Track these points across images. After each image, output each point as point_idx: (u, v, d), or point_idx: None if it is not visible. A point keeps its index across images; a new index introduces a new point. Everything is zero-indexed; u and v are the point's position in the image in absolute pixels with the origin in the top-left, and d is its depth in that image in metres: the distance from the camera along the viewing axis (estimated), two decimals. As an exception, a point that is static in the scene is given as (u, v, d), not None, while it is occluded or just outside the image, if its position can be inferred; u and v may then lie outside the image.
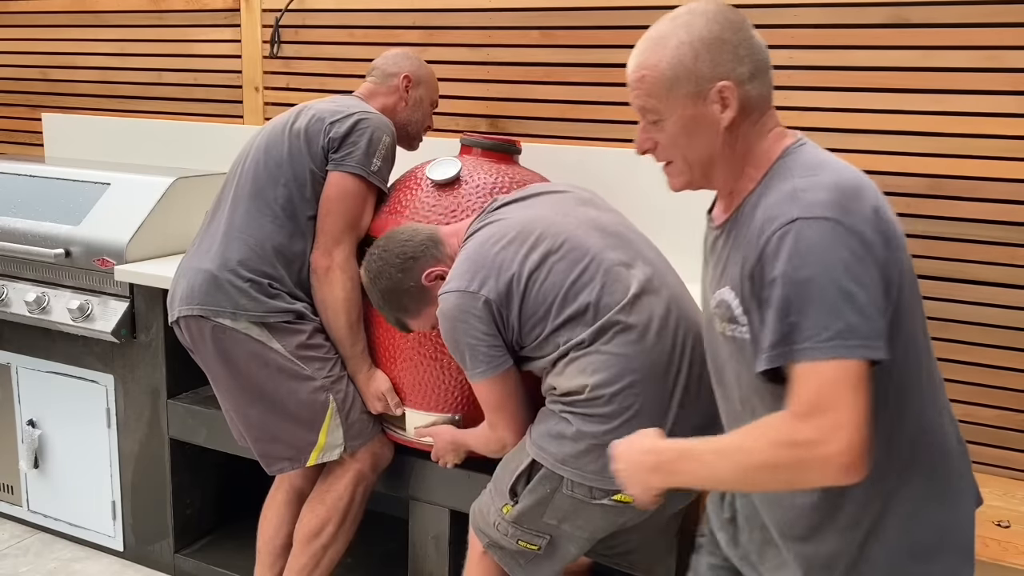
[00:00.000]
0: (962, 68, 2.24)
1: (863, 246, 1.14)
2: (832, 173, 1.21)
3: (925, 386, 1.27)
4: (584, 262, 1.78)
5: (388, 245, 1.96)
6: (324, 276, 2.16)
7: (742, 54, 1.25)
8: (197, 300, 2.15)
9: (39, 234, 2.81)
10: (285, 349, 2.14)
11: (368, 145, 2.15)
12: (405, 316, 1.99)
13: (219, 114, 3.30)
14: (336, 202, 2.15)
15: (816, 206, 1.15)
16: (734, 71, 1.25)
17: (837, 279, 1.12)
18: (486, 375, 1.82)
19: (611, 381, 1.71)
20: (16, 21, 3.68)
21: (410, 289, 1.94)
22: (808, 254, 1.13)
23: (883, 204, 1.21)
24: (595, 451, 1.71)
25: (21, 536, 3.02)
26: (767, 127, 1.30)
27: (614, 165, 2.61)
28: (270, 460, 2.23)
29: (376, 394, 2.20)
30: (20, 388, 2.98)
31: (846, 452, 1.09)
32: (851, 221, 1.14)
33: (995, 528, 2.04)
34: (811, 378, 1.12)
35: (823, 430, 1.10)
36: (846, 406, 1.10)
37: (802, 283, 1.13)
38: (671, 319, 1.78)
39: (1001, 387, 2.32)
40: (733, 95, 1.25)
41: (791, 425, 1.13)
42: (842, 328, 1.10)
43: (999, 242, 2.26)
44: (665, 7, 2.53)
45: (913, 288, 1.23)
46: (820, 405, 1.10)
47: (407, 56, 2.41)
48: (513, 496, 1.83)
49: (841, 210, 1.15)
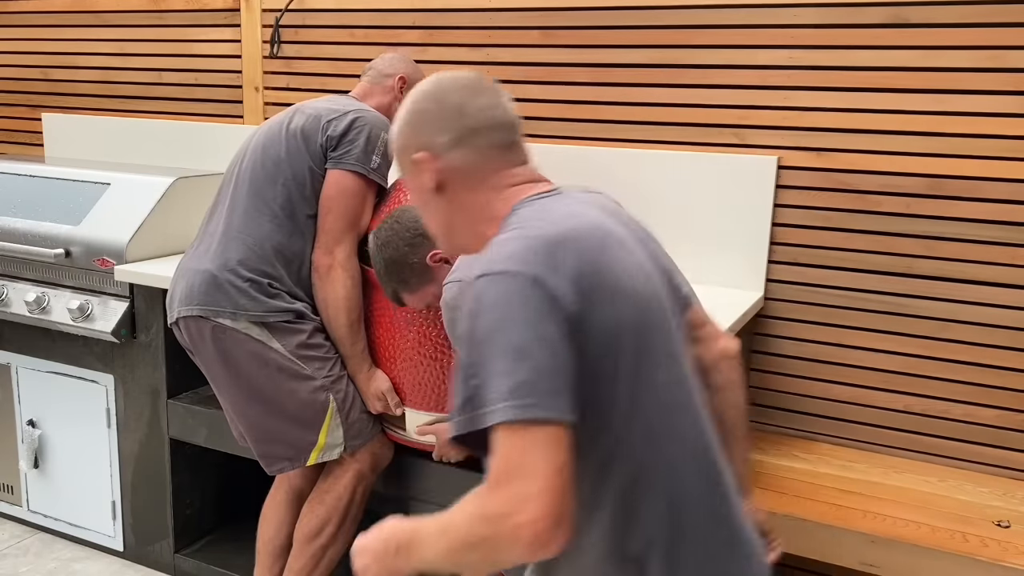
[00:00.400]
0: (962, 68, 2.24)
1: (547, 300, 1.07)
2: (537, 226, 1.15)
3: (664, 445, 1.16)
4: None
5: (402, 218, 1.98)
6: (326, 274, 2.16)
7: (442, 124, 1.25)
8: (197, 300, 2.15)
9: (39, 234, 2.81)
10: (285, 349, 2.14)
11: (367, 143, 2.15)
12: (403, 289, 2.00)
13: (219, 114, 3.30)
14: (336, 200, 2.15)
15: (498, 261, 1.10)
16: (432, 142, 1.25)
17: (510, 336, 1.05)
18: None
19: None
20: (16, 21, 3.68)
21: (414, 265, 1.96)
22: (484, 312, 1.08)
23: (596, 258, 1.14)
24: None
25: (21, 536, 3.02)
26: (503, 185, 1.26)
27: (614, 165, 2.61)
28: (270, 460, 2.23)
29: (376, 394, 2.20)
30: (20, 388, 2.98)
31: (535, 522, 1.00)
32: (534, 273, 1.08)
33: (995, 528, 2.04)
34: (499, 444, 1.04)
35: (511, 501, 1.01)
36: (533, 473, 1.01)
37: (479, 342, 1.07)
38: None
39: (1001, 387, 2.32)
40: (430, 165, 1.25)
41: (483, 497, 1.05)
42: (514, 387, 1.03)
43: (999, 242, 2.26)
44: (664, 7, 2.55)
45: (645, 340, 1.15)
46: (508, 473, 1.02)
47: (403, 59, 2.42)
48: None
49: (523, 263, 1.09)
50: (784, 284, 2.50)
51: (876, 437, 2.46)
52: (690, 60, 2.52)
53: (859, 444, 2.49)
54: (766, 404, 2.57)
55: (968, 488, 2.25)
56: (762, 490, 2.20)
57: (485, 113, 1.27)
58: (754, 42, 2.43)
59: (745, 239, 2.49)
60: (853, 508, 2.12)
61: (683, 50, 2.53)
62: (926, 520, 2.06)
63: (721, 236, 2.51)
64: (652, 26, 2.56)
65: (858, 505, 2.13)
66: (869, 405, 2.46)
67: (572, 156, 2.66)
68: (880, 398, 2.44)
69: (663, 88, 2.57)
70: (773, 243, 2.49)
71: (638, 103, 2.61)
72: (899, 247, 2.36)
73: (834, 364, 2.48)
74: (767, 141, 2.46)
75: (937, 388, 2.38)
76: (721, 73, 2.49)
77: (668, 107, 2.57)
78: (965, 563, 1.92)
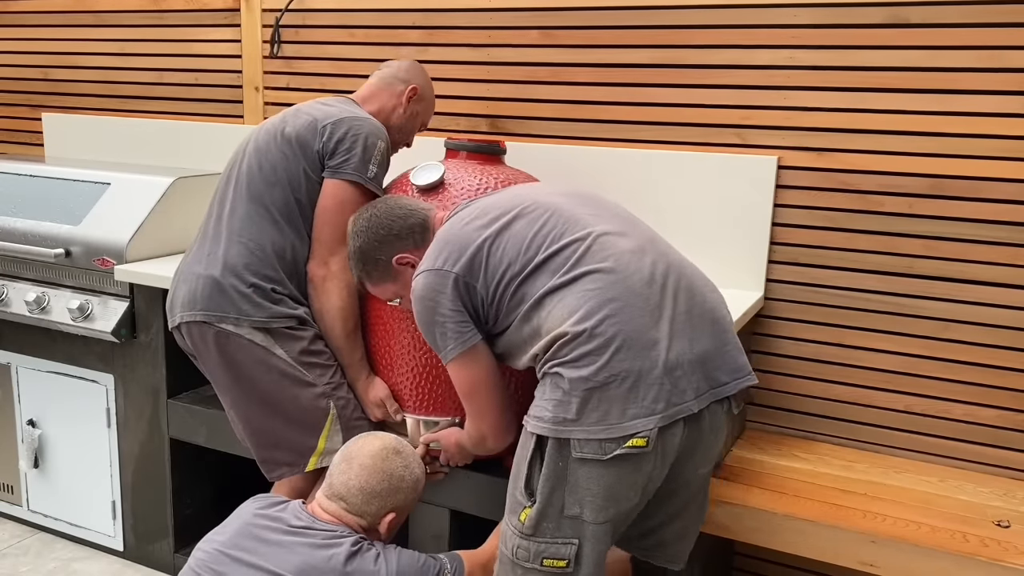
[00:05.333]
0: (962, 68, 2.24)
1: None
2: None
3: None
4: (545, 216, 1.81)
5: (382, 212, 2.00)
6: (321, 286, 2.16)
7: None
8: (200, 306, 2.15)
9: (39, 234, 2.81)
10: (288, 355, 2.14)
11: (364, 152, 2.14)
12: (366, 279, 2.04)
13: (219, 114, 3.30)
14: (333, 212, 2.15)
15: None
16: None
17: None
18: (455, 352, 1.83)
19: (591, 314, 1.68)
20: (16, 21, 3.68)
21: (379, 260, 1.99)
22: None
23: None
24: (593, 399, 1.67)
25: (21, 536, 3.02)
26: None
27: (614, 165, 2.61)
28: (271, 466, 2.23)
29: (375, 401, 2.20)
30: (20, 388, 2.98)
31: None
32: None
33: (995, 528, 2.04)
34: None
35: None
36: None
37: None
38: (646, 257, 1.76)
39: (1002, 387, 2.32)
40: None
41: None
42: None
43: (1000, 242, 2.26)
44: (664, 7, 2.55)
45: None
46: None
47: (422, 71, 2.41)
48: (530, 496, 1.76)
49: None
50: (784, 284, 2.50)
51: (876, 437, 2.46)
52: (691, 60, 2.52)
53: (859, 444, 2.48)
54: (766, 404, 2.57)
55: (968, 488, 2.25)
56: (762, 490, 2.20)
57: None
58: (754, 42, 2.43)
59: (745, 239, 2.49)
60: (853, 508, 2.11)
61: (683, 50, 2.53)
62: (926, 520, 2.06)
63: (721, 236, 2.51)
64: (652, 26, 2.56)
65: (858, 505, 2.13)
66: (869, 405, 2.46)
67: (572, 156, 2.66)
68: (880, 398, 2.44)
69: (663, 88, 2.57)
70: (773, 243, 2.49)
71: (638, 103, 2.61)
72: (900, 247, 2.36)
73: (834, 364, 2.48)
74: (767, 141, 2.46)
75: (938, 388, 2.38)
76: (722, 73, 2.49)
77: (668, 107, 2.57)
78: (965, 563, 1.92)
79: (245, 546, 1.78)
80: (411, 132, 2.41)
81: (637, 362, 1.66)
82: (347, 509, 1.85)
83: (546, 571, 1.76)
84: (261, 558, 1.75)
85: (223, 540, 1.81)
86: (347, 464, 1.88)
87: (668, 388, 1.67)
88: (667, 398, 1.67)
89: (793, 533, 2.07)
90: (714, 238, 2.52)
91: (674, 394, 1.67)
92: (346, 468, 1.87)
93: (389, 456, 1.89)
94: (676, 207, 2.55)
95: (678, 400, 1.68)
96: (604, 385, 1.66)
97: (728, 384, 1.75)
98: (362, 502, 1.85)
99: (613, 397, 1.66)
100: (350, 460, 1.88)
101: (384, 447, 1.90)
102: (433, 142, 2.63)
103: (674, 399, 1.68)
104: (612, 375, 1.65)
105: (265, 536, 1.79)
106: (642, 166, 2.59)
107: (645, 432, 1.65)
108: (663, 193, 2.56)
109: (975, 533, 2.01)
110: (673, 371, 1.68)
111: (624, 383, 1.65)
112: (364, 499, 1.85)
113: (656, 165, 2.58)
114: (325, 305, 2.16)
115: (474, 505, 2.21)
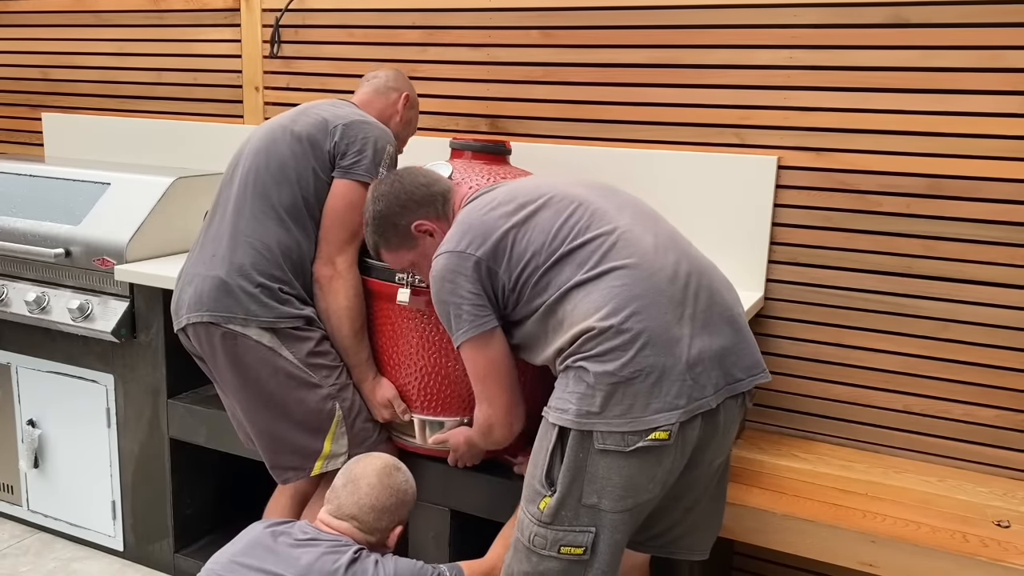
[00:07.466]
0: (962, 68, 2.24)
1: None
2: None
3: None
4: (571, 208, 1.83)
5: (406, 179, 2.01)
6: (327, 285, 2.16)
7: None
8: (207, 307, 2.14)
9: (39, 234, 2.81)
10: (295, 357, 2.14)
11: (375, 154, 2.15)
12: (383, 245, 2.03)
13: (219, 114, 3.30)
14: (342, 212, 2.15)
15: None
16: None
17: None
18: (469, 334, 1.84)
19: (617, 310, 1.70)
20: (16, 21, 3.68)
21: (399, 226, 1.98)
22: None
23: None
24: (617, 393, 1.69)
25: (21, 536, 3.02)
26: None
27: (614, 165, 2.61)
28: (279, 471, 2.23)
29: (382, 401, 2.20)
30: (20, 388, 2.98)
31: None
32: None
33: (995, 528, 2.04)
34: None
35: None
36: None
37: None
38: (669, 255, 1.80)
39: (1001, 387, 2.32)
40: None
41: None
42: None
43: (999, 242, 2.27)
44: (664, 7, 2.55)
45: None
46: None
47: (406, 78, 2.44)
48: (551, 486, 1.77)
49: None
50: (784, 284, 2.50)
51: (876, 437, 2.47)
52: (690, 60, 2.52)
53: (859, 444, 2.49)
54: (766, 404, 2.57)
55: (968, 488, 2.25)
56: (762, 490, 2.20)
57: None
58: (754, 42, 2.44)
59: (745, 239, 2.49)
60: (853, 508, 2.12)
61: (683, 50, 2.53)
62: (926, 520, 2.06)
63: (721, 236, 2.51)
64: (652, 26, 2.56)
65: (858, 505, 2.13)
66: (869, 405, 2.46)
67: (572, 156, 2.66)
68: (880, 398, 2.44)
69: (663, 88, 2.57)
70: (773, 243, 2.49)
71: (638, 103, 2.61)
72: (899, 247, 2.36)
73: (834, 364, 2.48)
74: (767, 141, 2.46)
75: (937, 388, 2.38)
76: (721, 73, 2.49)
77: (668, 107, 2.57)
78: (965, 563, 1.92)
79: (255, 554, 1.82)
80: (406, 139, 2.44)
81: (661, 358, 1.69)
82: (360, 528, 1.88)
83: (563, 558, 1.77)
84: (270, 564, 1.79)
85: (234, 551, 1.85)
86: (354, 485, 1.90)
87: (690, 384, 1.70)
88: (688, 393, 1.69)
89: (793, 533, 2.07)
90: (714, 238, 2.51)
91: (695, 389, 1.70)
92: (354, 489, 1.90)
93: (392, 472, 1.93)
94: (676, 207, 2.55)
95: (698, 395, 1.71)
96: (629, 380, 1.67)
97: (744, 380, 1.78)
98: (374, 519, 1.88)
99: (637, 392, 1.68)
100: (356, 481, 1.91)
101: (385, 465, 1.94)
102: (435, 142, 2.63)
103: (695, 394, 1.70)
104: (637, 370, 1.67)
105: (274, 547, 1.82)
106: (642, 166, 2.60)
107: (667, 426, 1.68)
108: (663, 193, 2.56)
109: (975, 533, 2.01)
110: (694, 367, 1.71)
111: (648, 378, 1.68)
112: (376, 516, 1.88)
113: (656, 165, 2.58)
114: (332, 305, 2.16)
115: (474, 505, 2.21)
